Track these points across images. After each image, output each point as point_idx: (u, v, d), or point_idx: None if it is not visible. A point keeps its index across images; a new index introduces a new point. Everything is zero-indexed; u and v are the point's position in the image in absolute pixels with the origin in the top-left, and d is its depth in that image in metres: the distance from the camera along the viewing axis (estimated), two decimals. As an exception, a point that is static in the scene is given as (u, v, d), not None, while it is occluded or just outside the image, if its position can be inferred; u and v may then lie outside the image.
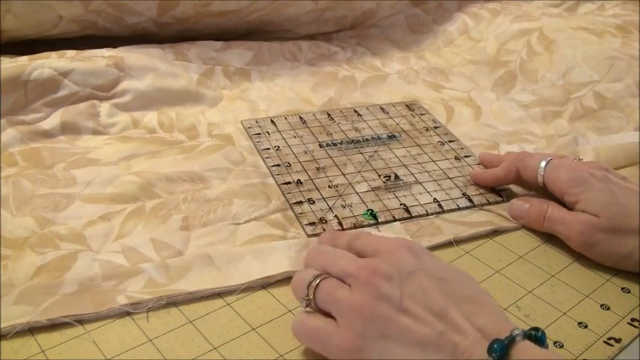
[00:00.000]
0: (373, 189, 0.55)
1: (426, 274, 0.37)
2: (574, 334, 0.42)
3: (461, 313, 0.35)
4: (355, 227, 0.50)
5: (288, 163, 0.58)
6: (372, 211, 0.52)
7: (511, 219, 0.52)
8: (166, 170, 0.54)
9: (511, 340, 0.33)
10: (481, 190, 0.55)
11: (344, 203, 0.53)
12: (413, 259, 0.37)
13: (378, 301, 0.35)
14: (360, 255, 0.40)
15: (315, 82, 0.72)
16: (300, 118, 0.65)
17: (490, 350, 0.32)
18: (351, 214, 0.51)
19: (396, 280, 0.36)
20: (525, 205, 0.51)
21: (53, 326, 0.40)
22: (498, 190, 0.55)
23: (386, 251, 0.38)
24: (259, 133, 0.62)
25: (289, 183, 0.55)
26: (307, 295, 0.38)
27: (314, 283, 0.38)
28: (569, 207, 0.49)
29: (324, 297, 0.38)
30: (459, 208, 0.53)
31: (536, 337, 0.34)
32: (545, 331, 0.41)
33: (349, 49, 0.79)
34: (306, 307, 0.38)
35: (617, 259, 0.46)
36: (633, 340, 0.42)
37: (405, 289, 0.36)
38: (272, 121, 0.64)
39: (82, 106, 0.60)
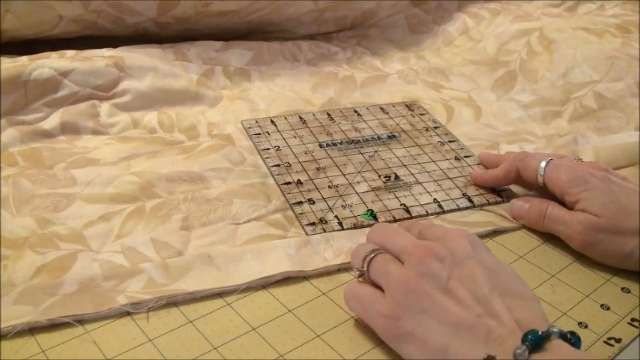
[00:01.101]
0: (373, 189, 0.55)
1: (477, 263, 0.38)
2: (574, 334, 0.42)
3: (502, 303, 0.35)
4: (355, 227, 0.50)
5: (288, 163, 0.58)
6: (372, 211, 0.52)
7: (511, 219, 0.52)
8: (166, 170, 0.54)
9: (546, 335, 0.33)
10: (481, 191, 0.55)
11: (344, 203, 0.53)
12: (469, 248, 0.39)
13: (424, 278, 0.37)
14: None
15: (315, 82, 0.72)
16: (300, 118, 0.65)
17: (524, 339, 0.33)
18: (351, 215, 0.51)
19: (448, 263, 0.38)
20: (525, 205, 0.51)
21: (53, 326, 0.40)
22: (498, 191, 0.55)
23: (446, 237, 0.40)
24: (259, 133, 0.62)
25: (289, 183, 0.55)
26: (362, 267, 0.41)
27: (369, 257, 0.41)
28: (569, 207, 0.49)
29: (376, 269, 0.40)
30: (459, 209, 0.53)
31: (571, 340, 0.34)
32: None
33: (349, 49, 0.79)
34: (359, 277, 0.41)
35: (618, 258, 0.46)
36: (633, 340, 0.42)
37: (454, 272, 0.37)
38: (272, 121, 0.64)
39: (82, 106, 0.60)
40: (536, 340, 0.33)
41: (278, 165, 0.57)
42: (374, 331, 0.39)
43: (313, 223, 0.50)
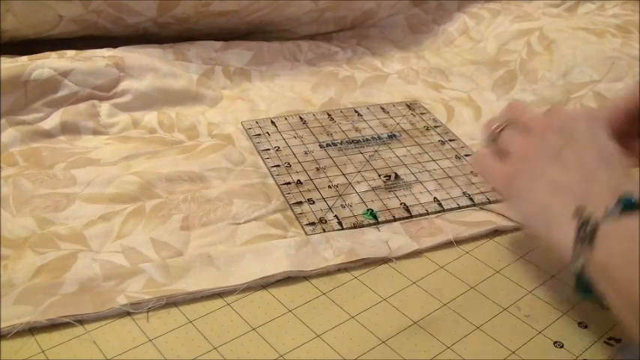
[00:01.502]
0: (373, 189, 0.55)
1: (590, 140, 0.41)
2: (574, 334, 0.42)
3: (607, 175, 0.38)
4: (355, 227, 0.50)
5: (288, 163, 0.58)
6: (372, 210, 0.52)
7: (511, 219, 0.52)
8: (166, 170, 0.54)
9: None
10: (482, 189, 0.55)
11: (344, 203, 0.53)
12: (586, 127, 0.42)
13: (540, 148, 0.42)
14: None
15: (315, 82, 0.72)
16: (301, 118, 0.65)
17: (619, 200, 0.35)
18: (351, 214, 0.51)
19: (564, 136, 0.41)
20: None
21: (53, 326, 0.40)
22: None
23: (568, 118, 0.44)
24: (259, 134, 0.62)
25: (289, 183, 0.55)
26: (492, 135, 0.46)
27: (500, 127, 0.46)
28: None
29: (503, 138, 0.46)
30: (460, 207, 0.53)
31: None
32: (545, 331, 0.42)
33: (349, 49, 0.79)
34: (488, 144, 0.47)
35: None
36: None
37: (568, 144, 0.41)
38: (272, 122, 0.64)
39: (82, 106, 0.60)
40: (630, 203, 0.34)
41: (278, 165, 0.57)
42: (374, 330, 0.39)
43: (313, 223, 0.50)
